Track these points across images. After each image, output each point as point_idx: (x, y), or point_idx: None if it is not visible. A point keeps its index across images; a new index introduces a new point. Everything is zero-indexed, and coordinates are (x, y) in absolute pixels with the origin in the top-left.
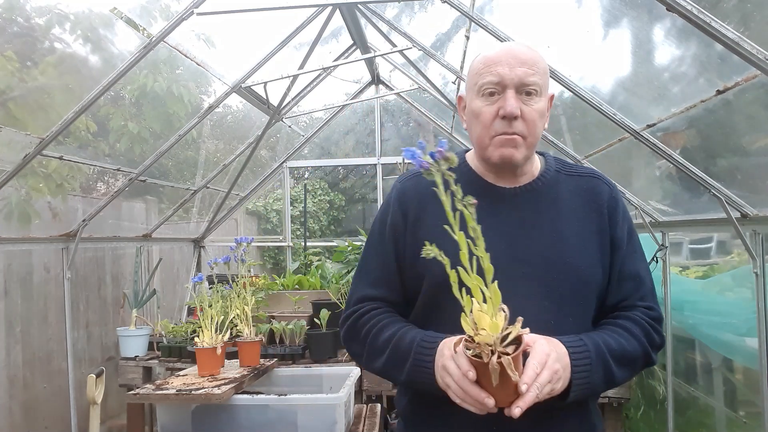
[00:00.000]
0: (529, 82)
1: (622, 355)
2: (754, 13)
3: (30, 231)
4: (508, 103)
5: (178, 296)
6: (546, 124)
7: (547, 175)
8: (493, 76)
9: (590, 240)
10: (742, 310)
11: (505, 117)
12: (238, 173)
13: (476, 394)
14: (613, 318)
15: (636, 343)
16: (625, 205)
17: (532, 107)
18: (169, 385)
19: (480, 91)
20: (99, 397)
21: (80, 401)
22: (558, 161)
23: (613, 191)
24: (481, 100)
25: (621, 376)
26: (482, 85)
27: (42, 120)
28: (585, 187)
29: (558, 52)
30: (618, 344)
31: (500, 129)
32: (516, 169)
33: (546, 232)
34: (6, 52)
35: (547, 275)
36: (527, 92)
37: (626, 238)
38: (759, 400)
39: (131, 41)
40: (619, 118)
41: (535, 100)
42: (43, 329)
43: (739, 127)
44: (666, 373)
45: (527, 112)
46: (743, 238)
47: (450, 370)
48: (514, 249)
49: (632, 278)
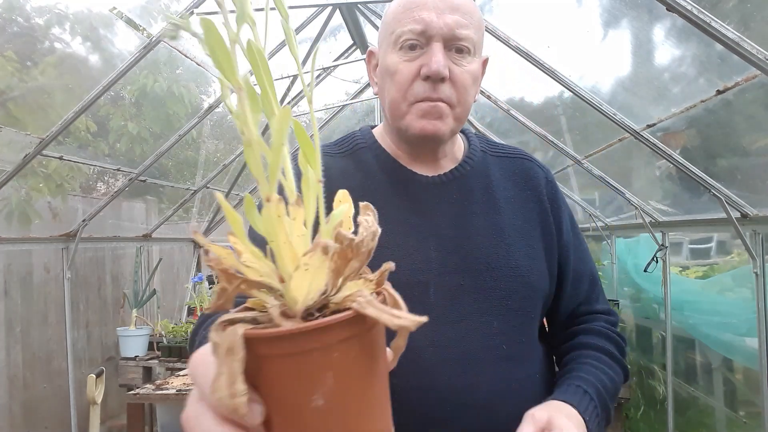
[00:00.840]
0: (462, 35)
1: (615, 390)
2: (754, 13)
3: (30, 231)
4: (434, 59)
5: (178, 296)
6: (477, 93)
7: (473, 157)
8: (415, 23)
9: (533, 236)
10: (742, 310)
11: (429, 77)
12: (238, 173)
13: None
14: (583, 337)
15: (618, 368)
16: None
17: (464, 68)
18: (169, 385)
19: (397, 43)
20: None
21: (80, 401)
22: (481, 139)
23: (548, 175)
24: (398, 54)
25: (613, 402)
26: (400, 34)
27: (42, 120)
28: (517, 171)
29: (558, 52)
30: (610, 380)
31: (422, 93)
32: (438, 148)
33: (483, 230)
34: (6, 52)
35: (490, 286)
36: (458, 48)
37: (572, 230)
38: (759, 400)
39: (131, 41)
40: (619, 118)
41: (468, 60)
42: (43, 329)
43: (739, 127)
44: (666, 373)
45: (458, 74)
46: (743, 238)
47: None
48: (447, 255)
49: (587, 278)
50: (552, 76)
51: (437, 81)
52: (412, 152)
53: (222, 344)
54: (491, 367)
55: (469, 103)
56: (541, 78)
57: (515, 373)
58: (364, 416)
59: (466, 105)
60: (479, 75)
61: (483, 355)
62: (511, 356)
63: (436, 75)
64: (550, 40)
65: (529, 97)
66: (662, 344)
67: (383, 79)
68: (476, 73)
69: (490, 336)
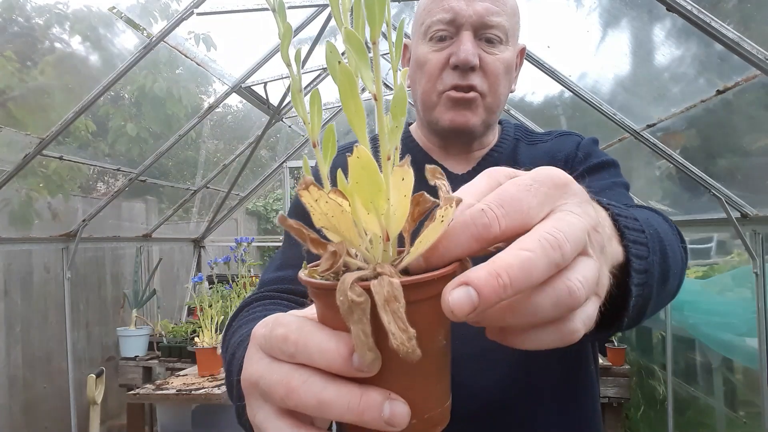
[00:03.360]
0: (493, 22)
1: (666, 233)
2: (754, 13)
3: (30, 231)
4: (463, 47)
5: (178, 296)
6: (514, 85)
7: (502, 145)
8: (444, 12)
9: None
10: (742, 310)
11: (458, 66)
12: (238, 173)
13: (349, 392)
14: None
15: (667, 227)
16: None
17: (496, 56)
18: (169, 385)
19: (427, 34)
20: (99, 397)
21: (80, 401)
22: (520, 129)
23: (583, 140)
24: (428, 45)
25: (673, 269)
26: (430, 24)
27: (42, 120)
28: (548, 151)
29: (558, 52)
30: (663, 231)
31: (451, 82)
32: (472, 141)
33: None
34: (6, 52)
35: None
36: (488, 39)
37: (610, 187)
38: (759, 400)
39: (131, 41)
40: (619, 118)
41: (500, 49)
42: (43, 329)
43: (739, 127)
44: (666, 373)
45: (489, 62)
46: (743, 238)
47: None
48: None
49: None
50: (552, 76)
51: (466, 69)
52: (444, 146)
53: (379, 294)
54: (512, 365)
55: (501, 92)
56: (541, 78)
57: (542, 370)
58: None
59: (498, 95)
60: (513, 64)
61: (501, 352)
62: (537, 352)
63: (465, 63)
64: (550, 40)
65: (530, 97)
66: (662, 344)
67: (414, 71)
68: (509, 61)
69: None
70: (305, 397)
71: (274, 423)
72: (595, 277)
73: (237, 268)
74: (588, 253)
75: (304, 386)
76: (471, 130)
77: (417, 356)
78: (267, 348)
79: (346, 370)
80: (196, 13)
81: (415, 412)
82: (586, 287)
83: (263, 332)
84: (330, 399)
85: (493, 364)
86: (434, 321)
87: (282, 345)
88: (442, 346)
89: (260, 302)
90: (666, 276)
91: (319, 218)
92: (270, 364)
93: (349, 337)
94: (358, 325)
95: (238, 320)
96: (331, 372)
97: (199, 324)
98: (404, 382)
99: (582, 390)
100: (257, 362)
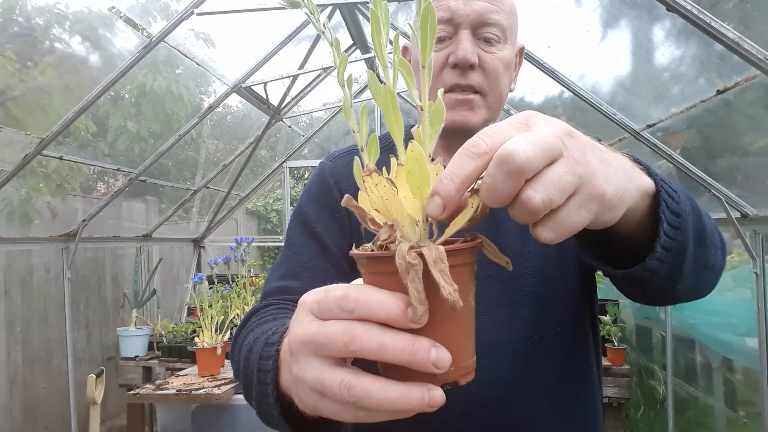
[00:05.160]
0: (491, 20)
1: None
2: (754, 13)
3: (30, 231)
4: (462, 46)
5: (178, 296)
6: (514, 85)
7: None
8: (442, 12)
9: None
10: (742, 310)
11: (458, 65)
12: (238, 173)
13: (410, 342)
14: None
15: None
16: None
17: (495, 55)
18: (169, 385)
19: None
20: (99, 397)
21: (80, 401)
22: None
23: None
24: None
25: (710, 236)
26: None
27: (42, 120)
28: None
29: (558, 52)
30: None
31: (451, 81)
32: None
33: (511, 219)
34: (6, 52)
35: (519, 274)
36: (487, 38)
37: None
38: (759, 400)
39: (131, 41)
40: (619, 118)
41: (499, 48)
42: (43, 329)
43: (739, 127)
44: (666, 373)
45: (488, 61)
46: (743, 238)
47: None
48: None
49: None
50: (552, 76)
51: (466, 68)
52: (445, 146)
53: (429, 257)
54: (517, 361)
55: (501, 91)
56: (541, 78)
57: (545, 367)
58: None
59: (498, 93)
60: (513, 63)
61: (509, 347)
62: (542, 348)
63: (464, 62)
64: (550, 40)
65: (529, 97)
66: (662, 344)
67: (414, 73)
68: (508, 60)
69: (517, 327)
70: (368, 341)
71: (330, 372)
72: (562, 168)
73: (237, 268)
74: (563, 156)
75: (366, 333)
76: (471, 129)
77: (460, 305)
78: (319, 310)
79: (401, 321)
80: (196, 13)
81: (454, 359)
82: (527, 152)
83: (315, 298)
84: (389, 342)
85: (494, 361)
86: (466, 283)
87: (342, 302)
88: (472, 307)
89: (267, 309)
90: (702, 235)
91: (375, 200)
92: (324, 323)
93: (402, 295)
94: (413, 284)
95: (248, 327)
96: (388, 324)
97: (199, 324)
98: (445, 334)
99: (583, 390)
100: (309, 323)
